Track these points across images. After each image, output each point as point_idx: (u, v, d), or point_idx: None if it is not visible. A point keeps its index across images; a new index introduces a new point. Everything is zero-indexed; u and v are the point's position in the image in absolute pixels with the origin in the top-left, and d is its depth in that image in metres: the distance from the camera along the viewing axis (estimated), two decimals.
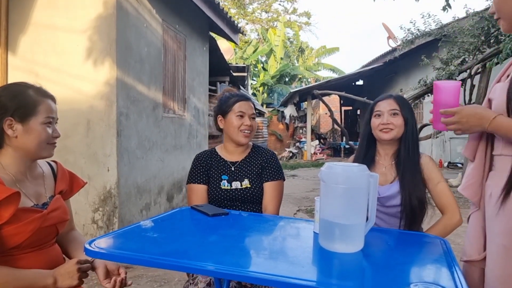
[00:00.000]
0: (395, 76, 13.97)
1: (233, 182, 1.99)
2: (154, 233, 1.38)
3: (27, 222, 1.31)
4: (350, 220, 1.21)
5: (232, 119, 2.03)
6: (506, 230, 1.19)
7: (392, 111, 1.82)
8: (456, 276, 1.07)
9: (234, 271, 1.08)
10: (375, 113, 1.86)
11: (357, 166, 1.25)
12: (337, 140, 18.94)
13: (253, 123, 2.06)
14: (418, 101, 8.27)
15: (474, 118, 1.25)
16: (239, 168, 2.04)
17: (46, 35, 4.17)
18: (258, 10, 28.15)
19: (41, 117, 1.39)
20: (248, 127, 2.03)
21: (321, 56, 23.52)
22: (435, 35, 7.93)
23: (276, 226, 1.63)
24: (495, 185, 1.27)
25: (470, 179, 1.39)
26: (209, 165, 2.05)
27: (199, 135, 6.81)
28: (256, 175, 2.03)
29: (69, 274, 1.31)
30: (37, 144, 1.39)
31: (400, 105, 1.83)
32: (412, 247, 1.37)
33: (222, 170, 2.03)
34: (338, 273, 1.15)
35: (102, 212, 4.11)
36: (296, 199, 7.08)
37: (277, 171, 2.06)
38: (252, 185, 1.99)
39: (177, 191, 5.85)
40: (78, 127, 4.09)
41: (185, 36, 6.06)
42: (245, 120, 2.02)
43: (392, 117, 1.81)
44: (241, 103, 2.05)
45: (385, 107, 1.83)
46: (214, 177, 2.01)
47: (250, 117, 2.05)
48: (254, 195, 1.98)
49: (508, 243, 1.18)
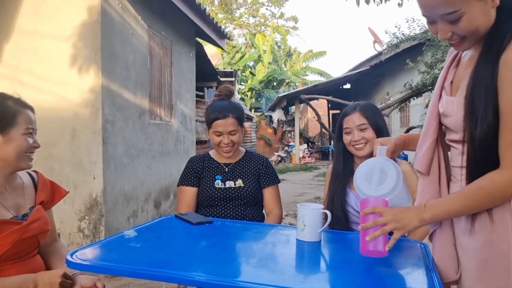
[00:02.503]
0: (382, 80, 14.11)
1: (227, 182, 2.03)
2: (137, 243, 1.38)
3: (6, 234, 1.30)
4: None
5: (212, 135, 2.06)
6: (486, 243, 1.14)
7: (360, 127, 1.81)
8: (434, 280, 1.09)
9: (218, 280, 1.09)
10: (344, 129, 1.85)
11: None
12: (325, 144, 19.03)
13: (233, 138, 2.03)
14: (404, 104, 8.36)
15: (407, 211, 1.18)
16: (233, 169, 2.09)
17: (30, 43, 4.14)
18: (246, 15, 28.25)
19: (21, 128, 1.39)
20: (226, 145, 2.03)
21: (308, 60, 23.65)
22: (420, 39, 8.04)
23: (259, 234, 1.64)
24: None
25: (426, 194, 1.29)
26: (201, 167, 2.08)
27: (187, 141, 6.80)
28: (250, 176, 2.07)
29: (51, 285, 1.30)
30: (17, 155, 1.38)
31: (368, 117, 1.81)
32: (393, 251, 1.39)
33: (216, 171, 2.07)
34: (318, 280, 1.16)
35: (88, 221, 4.08)
36: (284, 204, 7.07)
37: (273, 176, 2.14)
38: (245, 185, 2.03)
39: (164, 198, 5.83)
40: (63, 135, 4.06)
41: (171, 42, 6.06)
42: (224, 139, 2.02)
43: (362, 132, 1.80)
44: (218, 122, 2.02)
45: (354, 122, 1.82)
46: (208, 177, 2.05)
47: (229, 134, 2.02)
48: (247, 195, 2.02)
49: (489, 256, 1.14)
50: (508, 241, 1.10)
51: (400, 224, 1.15)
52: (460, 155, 1.21)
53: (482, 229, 1.15)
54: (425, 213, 1.16)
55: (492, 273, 1.13)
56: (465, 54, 1.26)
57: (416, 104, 9.91)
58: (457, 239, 1.24)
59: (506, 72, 1.07)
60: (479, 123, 1.11)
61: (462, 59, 1.27)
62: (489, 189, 1.10)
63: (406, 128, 9.86)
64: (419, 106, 10.22)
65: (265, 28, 26.98)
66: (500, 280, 1.11)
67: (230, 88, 2.15)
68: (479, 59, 1.14)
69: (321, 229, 1.41)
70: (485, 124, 1.10)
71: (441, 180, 1.29)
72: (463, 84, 1.18)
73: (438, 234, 1.29)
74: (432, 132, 1.28)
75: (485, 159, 1.12)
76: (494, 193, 1.10)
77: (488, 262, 1.14)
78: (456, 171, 1.26)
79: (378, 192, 1.26)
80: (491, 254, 1.13)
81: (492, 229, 1.13)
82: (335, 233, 1.64)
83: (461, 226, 1.21)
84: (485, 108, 1.10)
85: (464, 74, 1.20)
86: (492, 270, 1.13)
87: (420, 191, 1.32)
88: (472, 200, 1.12)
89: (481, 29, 1.12)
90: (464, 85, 1.17)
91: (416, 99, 8.21)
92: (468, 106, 1.14)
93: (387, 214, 1.16)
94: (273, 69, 21.45)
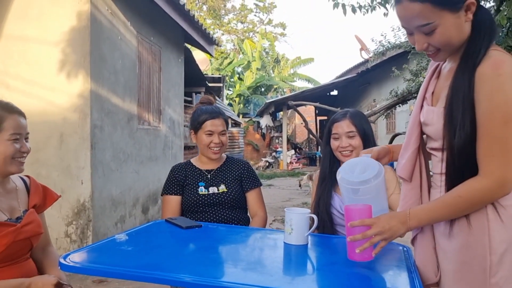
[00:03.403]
0: (368, 87, 14.29)
1: (210, 188, 2.07)
2: (128, 246, 1.41)
3: (0, 236, 1.32)
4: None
5: (202, 136, 2.10)
6: (463, 245, 1.20)
7: (349, 134, 1.86)
8: (415, 282, 1.15)
9: (207, 281, 1.12)
10: (332, 135, 1.91)
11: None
12: (312, 150, 19.16)
13: (222, 139, 2.11)
14: (390, 111, 8.49)
15: (394, 221, 1.21)
16: (215, 175, 2.13)
17: (18, 47, 4.14)
18: (234, 21, 28.39)
19: (6, 133, 1.40)
20: (217, 145, 2.09)
21: (296, 67, 23.83)
22: (405, 47, 8.18)
23: (248, 238, 1.68)
24: None
25: (408, 200, 1.34)
26: (184, 175, 2.11)
27: (175, 146, 6.81)
28: (232, 181, 2.11)
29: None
30: (3, 160, 1.39)
31: (356, 125, 1.87)
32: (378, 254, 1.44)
33: (198, 178, 2.11)
34: (304, 282, 1.20)
35: (75, 226, 4.07)
36: (272, 209, 7.14)
37: (255, 179, 2.19)
38: (228, 190, 2.07)
39: (152, 203, 5.82)
40: (50, 140, 4.05)
41: (160, 47, 6.09)
42: (214, 138, 2.09)
43: (350, 139, 1.86)
44: (210, 122, 2.09)
45: (342, 129, 1.87)
46: (191, 185, 2.08)
47: (219, 134, 2.10)
48: (231, 199, 2.06)
49: (466, 258, 1.19)
50: (484, 244, 1.16)
51: (387, 235, 1.20)
52: (439, 162, 1.27)
53: (460, 232, 1.20)
54: (410, 221, 1.21)
55: (470, 275, 1.19)
56: (445, 66, 1.33)
57: (402, 111, 10.07)
58: (437, 242, 1.30)
59: (481, 85, 1.14)
60: (457, 132, 1.17)
61: (442, 70, 1.34)
62: (468, 197, 1.16)
63: (392, 134, 9.99)
64: (404, 113, 10.38)
65: (253, 34, 27.13)
66: (477, 281, 1.17)
67: (210, 98, 2.27)
68: (457, 71, 1.21)
69: (308, 232, 1.46)
70: (463, 133, 1.16)
71: (422, 187, 1.35)
72: (443, 95, 1.24)
73: (420, 238, 1.34)
74: (414, 140, 1.34)
75: (463, 166, 1.18)
76: (473, 200, 1.16)
77: (466, 264, 1.19)
78: (436, 177, 1.31)
79: (360, 178, 1.34)
80: (469, 256, 1.19)
81: (470, 232, 1.18)
82: (322, 237, 1.69)
83: (440, 229, 1.26)
84: (463, 118, 1.16)
85: (444, 85, 1.26)
86: (469, 271, 1.19)
87: (402, 197, 1.37)
88: (453, 207, 1.18)
89: (454, 41, 1.19)
90: (444, 96, 1.24)
91: (402, 106, 8.34)
92: (447, 116, 1.20)
93: (375, 227, 1.20)
94: (261, 75, 21.57)
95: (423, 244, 1.33)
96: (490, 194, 1.15)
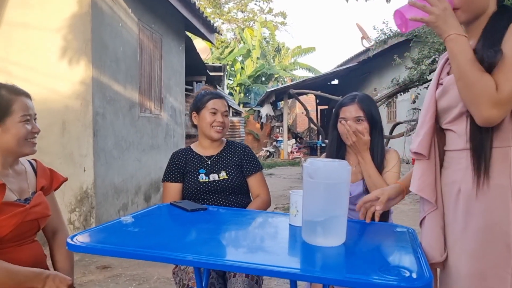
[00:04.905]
0: (369, 76, 14.24)
1: (211, 175, 2.07)
2: (134, 228, 1.42)
3: (10, 215, 1.34)
4: (333, 214, 1.24)
5: (205, 115, 2.12)
6: (487, 225, 1.19)
7: (357, 118, 1.85)
8: (421, 261, 1.15)
9: (212, 260, 1.13)
10: (340, 118, 1.89)
11: (338, 162, 1.30)
12: (313, 139, 19.13)
13: (225, 120, 2.14)
14: (391, 100, 8.47)
15: (450, 15, 1.18)
16: (215, 161, 2.13)
17: (19, 34, 4.12)
18: (234, 10, 28.17)
19: (17, 115, 1.41)
20: (220, 124, 2.11)
21: (297, 56, 23.72)
22: (407, 35, 8.12)
23: (253, 220, 1.69)
24: (464, 181, 1.25)
25: (426, 178, 1.34)
26: (184, 162, 2.12)
27: (176, 135, 6.81)
28: (233, 167, 2.11)
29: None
30: (16, 142, 1.42)
31: (364, 110, 1.85)
32: (381, 236, 1.45)
33: (198, 164, 2.11)
34: (310, 261, 1.21)
35: (78, 213, 4.09)
36: (273, 197, 7.13)
37: (255, 163, 2.19)
38: (229, 176, 2.08)
39: (154, 191, 5.84)
40: (53, 127, 4.05)
41: (161, 35, 6.06)
42: (218, 117, 2.11)
43: (357, 123, 1.84)
44: (214, 101, 2.13)
45: (350, 113, 1.85)
46: (191, 172, 2.09)
47: (222, 114, 2.13)
48: (232, 186, 2.07)
49: (490, 236, 1.18)
50: (509, 221, 1.16)
51: (435, 19, 1.18)
52: (458, 137, 1.27)
53: (483, 212, 1.20)
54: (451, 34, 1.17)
55: (493, 252, 1.19)
56: None
57: (403, 99, 10.04)
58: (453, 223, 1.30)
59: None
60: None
61: None
62: (478, 81, 1.14)
63: (393, 123, 9.97)
64: (405, 102, 10.35)
65: (254, 23, 26.95)
66: (501, 258, 1.18)
67: (210, 88, 2.32)
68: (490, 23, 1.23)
69: None
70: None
71: (437, 165, 1.36)
72: None
73: (428, 218, 1.36)
74: (430, 117, 1.35)
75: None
76: (480, 84, 1.14)
77: (489, 242, 1.20)
78: (451, 155, 1.32)
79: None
80: (492, 235, 1.19)
81: (493, 211, 1.19)
82: None
83: (460, 206, 1.26)
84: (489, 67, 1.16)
85: None
86: (493, 249, 1.19)
87: (419, 175, 1.36)
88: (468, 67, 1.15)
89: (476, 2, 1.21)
90: None
91: (403, 95, 8.30)
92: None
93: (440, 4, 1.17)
94: (262, 64, 21.46)
95: (431, 225, 1.34)
96: (495, 98, 1.13)
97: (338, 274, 1.07)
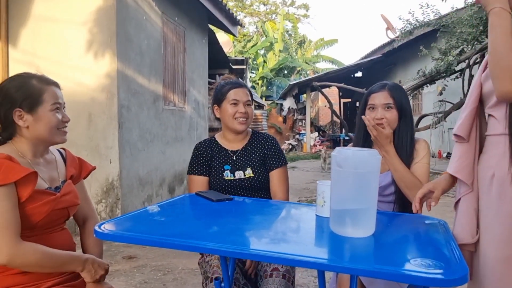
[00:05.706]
0: (394, 67, 13.98)
1: (236, 172, 1.98)
2: (161, 217, 1.42)
3: (42, 203, 1.36)
4: (362, 204, 1.21)
5: (227, 107, 2.00)
6: None
7: (386, 105, 1.80)
8: (455, 253, 1.11)
9: (238, 249, 1.12)
10: (369, 105, 1.85)
11: (367, 150, 1.27)
12: (336, 132, 18.94)
13: (248, 109, 2.01)
14: (417, 92, 8.28)
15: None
16: (241, 156, 2.03)
17: (46, 28, 4.19)
18: (256, 3, 28.06)
19: (48, 104, 1.43)
20: (243, 115, 1.99)
21: (320, 48, 23.49)
22: (434, 25, 7.91)
23: (279, 210, 1.67)
24: (498, 166, 1.26)
25: (464, 160, 1.36)
26: (210, 155, 2.03)
27: (200, 128, 6.84)
28: (258, 163, 2.02)
29: (95, 273, 1.40)
30: (48, 131, 1.44)
31: (394, 98, 1.80)
32: (413, 228, 1.41)
33: (224, 160, 2.02)
34: (338, 251, 1.19)
35: (105, 204, 4.16)
36: (296, 190, 7.13)
37: (280, 157, 2.06)
38: (255, 174, 1.98)
39: (178, 183, 5.89)
40: (79, 119, 4.12)
41: (185, 28, 6.07)
42: (239, 108, 1.99)
43: (386, 111, 1.79)
44: (235, 90, 2.01)
45: (379, 100, 1.81)
46: (217, 168, 2.00)
47: (244, 104, 2.01)
48: (258, 184, 1.99)
49: None
50: None
51: None
52: (499, 122, 1.26)
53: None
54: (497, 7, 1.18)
55: None
56: None
57: (429, 91, 9.82)
58: (485, 204, 1.30)
59: None
60: None
61: None
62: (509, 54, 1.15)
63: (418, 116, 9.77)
64: (432, 94, 10.11)
65: (276, 16, 26.79)
66: None
67: (231, 76, 2.20)
68: None
69: None
70: None
71: (476, 149, 1.36)
72: None
73: (463, 200, 1.37)
74: (473, 100, 1.34)
75: None
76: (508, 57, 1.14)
77: None
78: (490, 140, 1.31)
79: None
80: None
81: None
82: None
83: (494, 190, 1.26)
84: None
85: None
86: None
87: (457, 157, 1.37)
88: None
89: None
90: None
91: (429, 87, 8.12)
92: None
93: None
94: (284, 57, 21.35)
95: (466, 207, 1.35)
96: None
97: (367, 265, 1.04)
